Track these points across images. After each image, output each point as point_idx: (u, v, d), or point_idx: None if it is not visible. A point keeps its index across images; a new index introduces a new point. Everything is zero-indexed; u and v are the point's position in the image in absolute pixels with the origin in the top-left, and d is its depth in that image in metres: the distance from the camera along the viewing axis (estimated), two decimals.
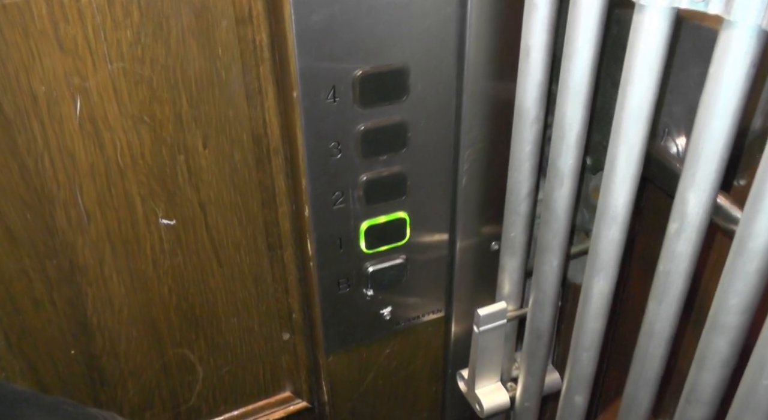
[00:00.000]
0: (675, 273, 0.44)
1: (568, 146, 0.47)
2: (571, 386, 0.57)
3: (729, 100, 0.37)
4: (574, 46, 0.43)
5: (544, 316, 0.58)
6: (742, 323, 0.40)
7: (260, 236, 0.58)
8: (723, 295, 0.40)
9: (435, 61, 0.50)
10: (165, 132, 0.50)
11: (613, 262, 0.48)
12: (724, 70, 0.36)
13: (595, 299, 0.50)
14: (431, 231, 0.60)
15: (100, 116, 0.48)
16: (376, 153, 0.52)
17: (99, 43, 0.45)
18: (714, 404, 0.44)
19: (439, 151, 0.55)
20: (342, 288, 0.59)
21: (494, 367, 0.65)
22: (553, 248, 0.53)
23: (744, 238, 0.38)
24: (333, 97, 0.48)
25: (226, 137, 0.52)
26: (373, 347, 0.66)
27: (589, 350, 0.54)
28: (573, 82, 0.45)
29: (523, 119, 0.50)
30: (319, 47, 0.46)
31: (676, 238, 0.43)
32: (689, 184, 0.41)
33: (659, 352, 0.48)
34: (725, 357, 0.42)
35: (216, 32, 0.48)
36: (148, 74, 0.47)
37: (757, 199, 0.36)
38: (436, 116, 0.53)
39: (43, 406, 0.43)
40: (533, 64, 0.48)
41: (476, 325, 0.60)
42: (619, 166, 0.44)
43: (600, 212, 0.47)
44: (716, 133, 0.38)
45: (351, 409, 0.71)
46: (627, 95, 0.41)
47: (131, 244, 0.54)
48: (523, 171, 0.53)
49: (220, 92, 0.50)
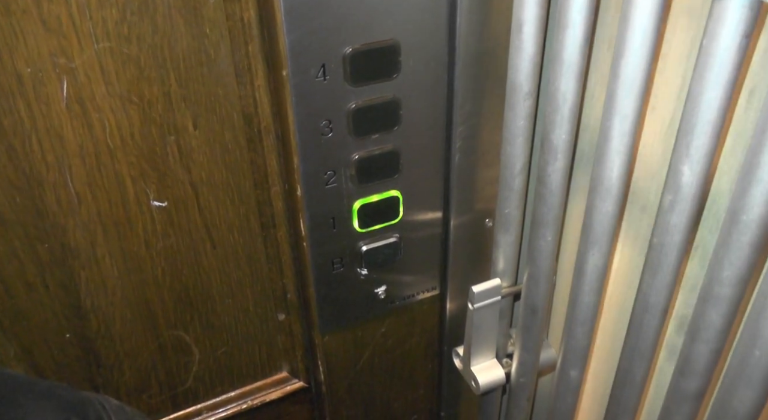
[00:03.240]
0: (669, 245, 0.44)
1: (561, 120, 0.47)
2: (566, 361, 0.58)
3: (722, 72, 0.37)
4: (565, 19, 0.43)
5: (539, 292, 0.58)
6: (735, 295, 0.40)
7: (253, 216, 0.58)
8: (716, 266, 0.40)
9: (426, 37, 0.49)
10: (154, 112, 0.50)
11: (607, 235, 0.48)
12: (717, 41, 0.36)
13: (589, 273, 0.50)
14: (425, 209, 0.60)
15: (88, 96, 0.47)
16: (367, 131, 0.52)
17: (84, 21, 0.44)
18: (707, 376, 0.44)
19: (431, 128, 0.55)
20: (336, 267, 0.59)
21: (489, 343, 0.65)
22: (548, 223, 0.53)
23: (737, 211, 0.38)
24: (323, 75, 0.48)
25: (216, 117, 0.52)
26: (368, 326, 0.66)
27: (583, 324, 0.54)
28: (566, 54, 0.44)
29: (516, 94, 0.50)
30: (307, 24, 0.45)
31: (669, 210, 0.43)
32: (683, 155, 0.41)
33: (654, 324, 0.48)
34: (718, 328, 0.42)
35: (203, 10, 0.47)
36: (136, 53, 0.47)
37: (749, 172, 0.36)
38: (428, 93, 0.52)
39: (36, 392, 0.43)
40: (525, 38, 0.47)
41: (471, 302, 0.60)
42: (612, 137, 0.44)
43: (593, 185, 0.47)
44: (709, 104, 0.38)
45: (347, 387, 0.71)
46: (620, 66, 0.41)
47: (123, 226, 0.54)
48: (516, 146, 0.53)
49: (209, 71, 0.50)
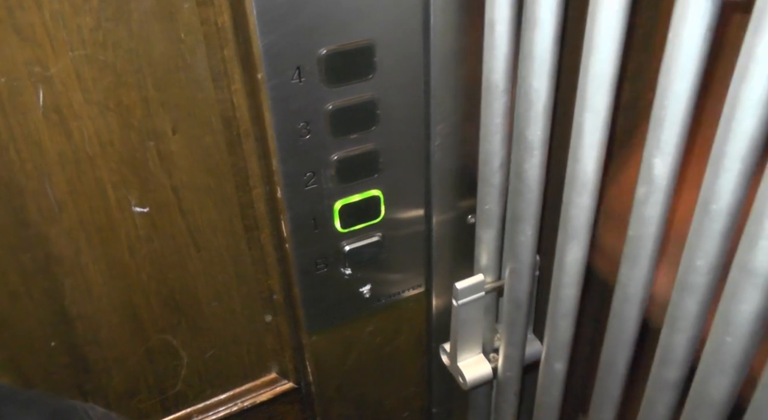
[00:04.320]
0: (645, 237, 0.45)
1: (535, 116, 0.48)
2: (550, 354, 0.58)
3: (688, 64, 0.37)
4: (535, 17, 0.43)
5: (522, 286, 0.58)
6: (709, 283, 0.41)
7: (236, 219, 0.58)
8: (690, 255, 0.41)
9: (401, 36, 0.50)
10: (133, 118, 0.50)
11: (585, 229, 0.49)
12: (683, 35, 0.37)
13: (569, 266, 0.51)
14: (406, 207, 0.60)
15: (65, 104, 0.47)
16: (346, 132, 0.52)
17: (58, 29, 0.44)
18: (686, 365, 0.45)
19: (410, 127, 0.55)
20: (320, 268, 0.59)
21: (475, 339, 0.66)
22: (527, 218, 0.53)
23: (707, 200, 0.38)
24: (299, 77, 0.48)
25: (195, 121, 0.52)
26: (355, 325, 0.67)
27: (565, 317, 0.54)
28: (537, 52, 0.45)
29: (491, 92, 0.50)
30: (281, 27, 0.45)
31: (644, 201, 0.44)
32: (654, 148, 0.41)
33: (633, 315, 0.49)
34: (694, 317, 0.42)
35: (178, 15, 0.47)
36: (112, 60, 0.47)
37: (716, 162, 0.36)
38: (405, 92, 0.53)
39: (18, 401, 0.43)
40: (498, 36, 0.48)
41: (455, 299, 0.61)
42: (585, 132, 0.44)
43: (569, 180, 0.47)
44: (678, 96, 0.39)
45: (337, 387, 0.71)
46: (590, 62, 0.42)
47: (106, 232, 0.54)
48: (494, 143, 0.53)
49: (187, 76, 0.50)
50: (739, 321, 0.37)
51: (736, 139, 0.35)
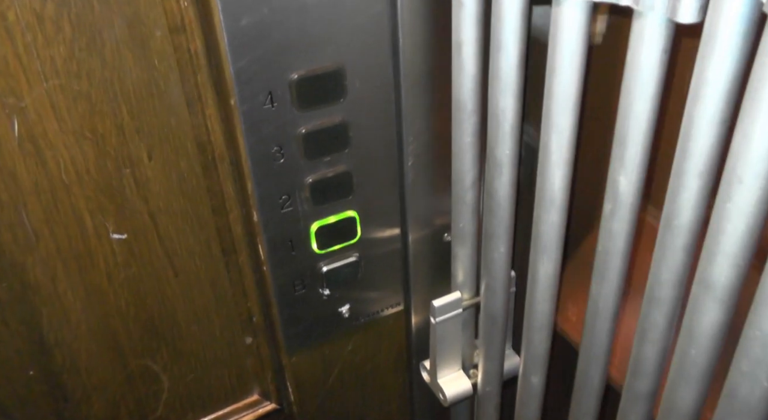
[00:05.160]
0: (613, 251, 0.46)
1: (503, 136, 0.49)
2: (527, 368, 0.59)
3: (646, 85, 0.39)
4: (500, 39, 0.44)
5: (497, 302, 0.59)
6: (675, 296, 0.42)
7: (214, 242, 0.59)
8: (656, 270, 0.42)
9: (370, 59, 0.51)
10: (108, 145, 0.50)
11: (555, 244, 0.50)
12: (640, 57, 0.38)
13: (542, 281, 0.52)
14: (382, 227, 0.61)
15: (40, 134, 0.47)
16: (319, 154, 0.53)
17: (32, 60, 0.45)
18: (656, 376, 0.46)
19: (382, 148, 0.56)
20: (298, 289, 0.60)
21: (455, 355, 0.66)
22: (500, 235, 0.54)
23: (670, 216, 0.39)
24: (271, 102, 0.49)
25: (170, 147, 0.53)
26: (335, 344, 0.67)
27: (540, 331, 0.55)
28: (503, 73, 0.46)
29: (461, 112, 0.51)
30: (251, 53, 0.46)
31: (611, 218, 0.45)
32: (618, 166, 0.42)
33: (605, 329, 0.50)
34: (662, 329, 0.43)
35: (151, 42, 0.48)
36: (86, 89, 0.48)
37: (677, 178, 0.38)
38: (376, 114, 0.54)
39: None
40: (466, 58, 0.49)
41: (432, 316, 0.61)
42: (551, 151, 0.45)
43: (538, 197, 0.48)
44: (638, 116, 0.40)
45: (319, 406, 0.72)
46: (553, 84, 0.43)
47: (83, 260, 0.54)
48: (465, 162, 0.54)
49: (161, 102, 0.50)
50: (701, 333, 0.38)
51: (693, 156, 0.37)
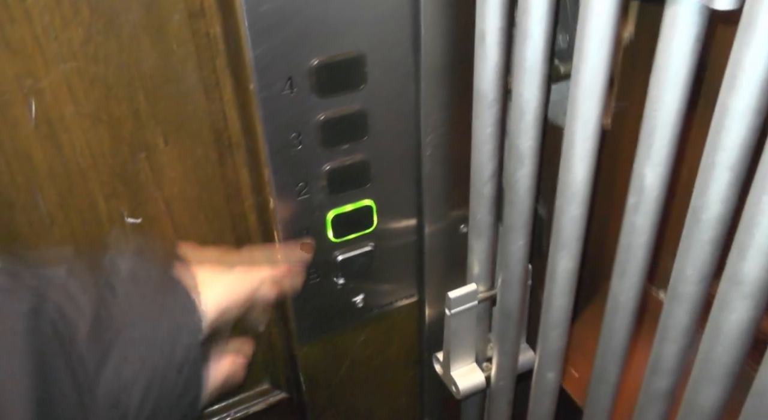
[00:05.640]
0: (636, 246, 0.45)
1: (526, 127, 0.48)
2: (542, 363, 0.58)
3: (678, 75, 0.38)
4: (525, 29, 0.44)
5: (513, 296, 0.58)
6: (700, 292, 0.41)
7: (227, 230, 0.58)
8: (680, 265, 0.41)
9: (391, 47, 0.50)
10: (124, 130, 0.50)
11: (576, 238, 0.49)
12: (672, 46, 0.37)
13: (560, 276, 0.51)
14: (399, 217, 0.60)
15: (56, 117, 0.47)
16: (337, 142, 0.52)
17: (49, 42, 0.44)
18: (677, 373, 0.45)
19: (401, 137, 0.55)
20: (312, 278, 0.59)
21: (468, 348, 0.66)
22: (518, 228, 0.54)
23: (697, 209, 0.38)
24: (290, 88, 0.48)
25: (186, 133, 0.52)
26: (347, 335, 0.67)
27: (557, 327, 0.54)
28: (527, 63, 0.45)
29: (482, 102, 0.50)
30: (272, 38, 0.46)
31: (634, 212, 0.44)
32: (645, 158, 0.41)
33: (625, 325, 0.49)
34: (685, 326, 0.43)
35: (169, 27, 0.47)
36: (103, 72, 0.47)
37: (706, 171, 0.37)
38: (395, 103, 0.53)
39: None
40: (489, 47, 0.48)
41: (448, 308, 0.61)
42: (576, 142, 0.44)
43: (560, 189, 0.47)
44: (667, 107, 0.39)
45: (330, 397, 0.71)
46: (580, 72, 0.42)
47: (97, 245, 0.53)
48: (485, 153, 0.53)
49: (178, 87, 0.50)
50: (728, 330, 0.38)
51: (725, 149, 0.36)
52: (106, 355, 0.41)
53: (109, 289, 0.43)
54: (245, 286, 0.49)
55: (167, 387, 0.43)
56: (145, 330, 0.43)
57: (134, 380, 0.42)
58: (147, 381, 0.42)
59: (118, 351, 0.41)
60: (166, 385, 0.43)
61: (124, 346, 0.42)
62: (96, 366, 0.40)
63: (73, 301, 0.41)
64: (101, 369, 0.41)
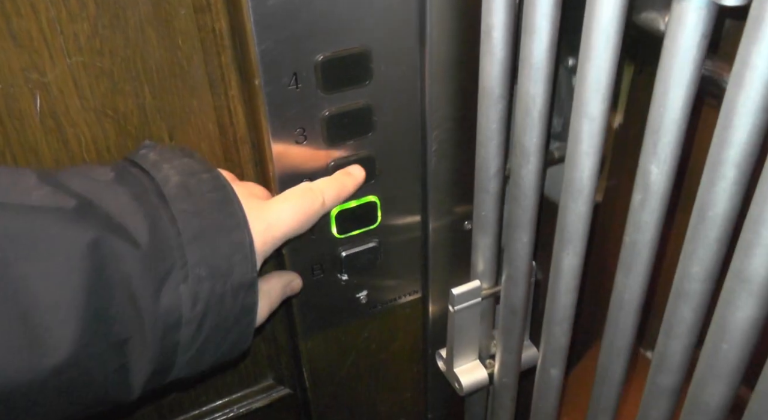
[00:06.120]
0: (641, 243, 0.45)
1: (532, 123, 0.48)
2: (546, 360, 0.58)
3: (684, 71, 0.38)
4: (531, 24, 0.43)
5: (518, 293, 0.58)
6: (705, 290, 0.41)
7: None
8: (686, 263, 0.41)
9: (397, 43, 0.50)
10: (130, 125, 0.50)
11: (581, 235, 0.49)
12: (678, 42, 0.37)
13: (565, 273, 0.51)
14: (403, 213, 0.60)
15: (62, 111, 0.47)
16: (342, 138, 0.52)
17: (55, 36, 0.44)
18: (682, 372, 0.45)
19: (406, 133, 0.55)
20: (316, 274, 0.59)
21: (472, 345, 0.66)
22: (523, 225, 0.54)
23: (703, 207, 0.38)
24: (295, 83, 0.48)
25: (192, 128, 0.52)
26: (351, 331, 0.67)
27: (561, 324, 0.54)
28: (534, 58, 0.45)
29: (488, 98, 0.50)
30: (278, 33, 0.45)
31: (640, 208, 0.44)
32: (650, 154, 0.41)
33: (629, 323, 0.49)
34: (690, 324, 0.42)
35: (175, 21, 0.47)
36: (109, 67, 0.47)
37: (713, 168, 0.37)
38: (401, 98, 0.53)
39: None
40: (495, 42, 0.48)
41: (451, 305, 0.61)
42: (581, 138, 0.44)
43: (566, 185, 0.47)
44: (673, 103, 0.39)
45: (333, 393, 0.71)
46: (585, 68, 0.42)
47: None
48: (490, 149, 0.53)
49: (183, 82, 0.50)
50: (734, 328, 0.38)
51: (732, 146, 0.35)
52: (167, 275, 0.40)
53: (161, 200, 0.42)
54: (309, 204, 0.49)
55: (224, 311, 0.42)
56: (203, 250, 0.41)
57: (193, 303, 0.41)
58: (204, 304, 0.41)
59: (177, 272, 0.40)
60: (223, 308, 0.42)
61: (182, 267, 0.41)
62: (155, 288, 0.40)
63: (127, 215, 0.40)
64: (160, 290, 0.40)
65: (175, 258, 0.41)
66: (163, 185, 0.43)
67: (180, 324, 0.41)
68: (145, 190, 0.43)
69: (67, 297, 0.37)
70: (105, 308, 0.38)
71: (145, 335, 0.40)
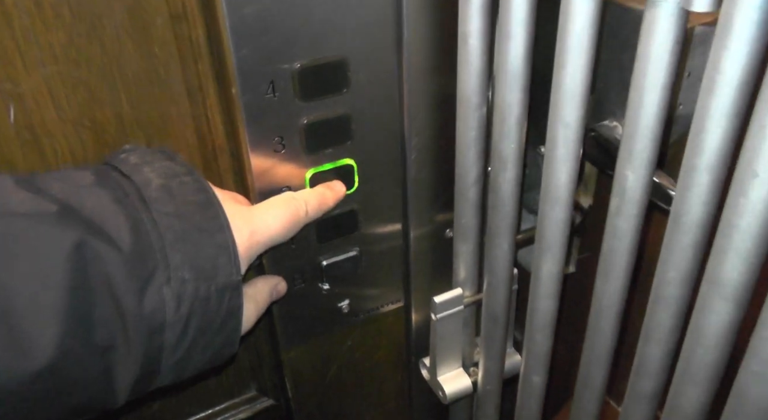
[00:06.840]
0: (619, 249, 0.45)
1: (509, 130, 0.48)
2: (528, 367, 0.58)
3: (658, 77, 0.38)
4: (507, 31, 0.44)
5: (499, 300, 0.58)
6: (682, 295, 0.41)
7: None
8: (663, 268, 0.41)
9: (374, 51, 0.50)
10: (107, 135, 0.50)
11: (559, 242, 0.49)
12: (651, 48, 0.37)
13: (545, 280, 0.51)
14: (384, 222, 0.60)
15: (38, 122, 0.47)
16: (320, 146, 0.52)
17: (30, 46, 0.44)
18: (662, 376, 0.45)
19: (385, 141, 0.55)
20: (297, 283, 0.59)
21: (455, 353, 0.65)
22: (503, 232, 0.54)
23: (679, 213, 0.38)
24: (272, 92, 0.48)
25: (170, 137, 0.52)
26: (334, 340, 0.66)
27: (542, 331, 0.54)
28: (509, 66, 0.45)
29: (466, 106, 0.50)
30: (254, 41, 0.45)
31: (617, 214, 0.44)
32: (626, 160, 0.42)
33: (609, 329, 0.49)
34: (668, 329, 0.43)
35: (151, 30, 0.47)
36: (85, 76, 0.47)
37: (687, 174, 0.37)
38: (379, 107, 0.53)
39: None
40: (472, 50, 0.48)
41: (433, 313, 0.61)
42: (558, 146, 0.44)
43: (543, 193, 0.47)
44: (648, 109, 0.39)
45: (317, 403, 0.71)
46: (561, 76, 0.42)
47: None
48: (469, 157, 0.53)
49: (161, 91, 0.50)
50: (709, 332, 0.38)
51: (705, 151, 0.36)
52: (150, 278, 0.40)
53: (142, 203, 0.42)
54: (293, 212, 0.49)
55: (209, 313, 0.42)
56: (186, 252, 0.41)
57: (177, 305, 0.41)
58: (189, 306, 0.41)
59: (160, 274, 0.40)
60: (208, 310, 0.42)
61: (165, 269, 0.40)
62: (138, 290, 0.39)
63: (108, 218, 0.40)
64: (143, 293, 0.39)
65: (158, 260, 0.40)
66: (143, 188, 0.43)
67: (164, 326, 0.41)
68: (126, 194, 0.42)
69: (49, 300, 0.36)
70: (88, 311, 0.38)
71: (128, 338, 0.39)
